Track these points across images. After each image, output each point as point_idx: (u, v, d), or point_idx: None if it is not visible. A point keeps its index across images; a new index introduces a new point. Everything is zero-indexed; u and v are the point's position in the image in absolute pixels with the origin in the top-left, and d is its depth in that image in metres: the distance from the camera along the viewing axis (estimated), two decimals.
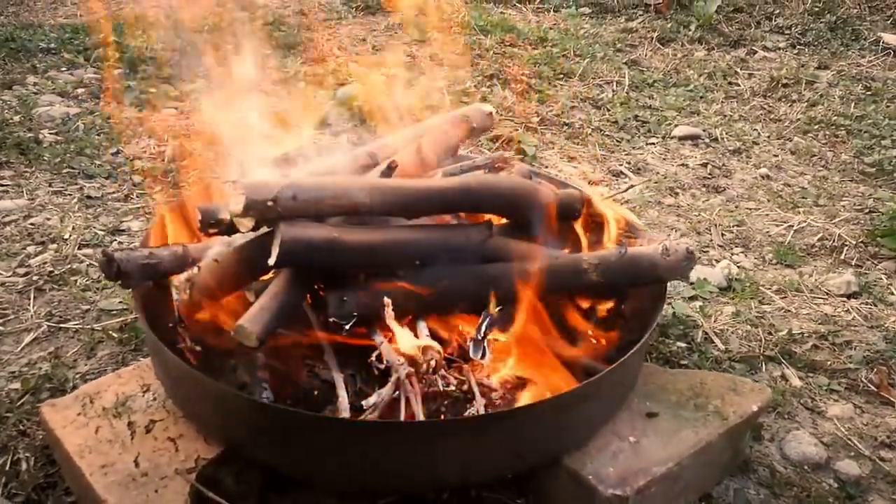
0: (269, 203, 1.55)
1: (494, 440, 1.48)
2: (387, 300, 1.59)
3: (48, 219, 2.89)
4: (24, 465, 1.81)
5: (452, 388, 1.61)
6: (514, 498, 1.72)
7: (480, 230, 1.78)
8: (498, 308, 1.71)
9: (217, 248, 1.76)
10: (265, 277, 1.73)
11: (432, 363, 1.57)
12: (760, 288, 2.58)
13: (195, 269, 1.66)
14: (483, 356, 1.64)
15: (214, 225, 1.75)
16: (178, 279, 1.65)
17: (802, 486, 1.80)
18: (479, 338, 1.65)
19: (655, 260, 1.74)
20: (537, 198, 1.90)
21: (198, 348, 1.68)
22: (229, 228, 1.74)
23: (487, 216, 1.86)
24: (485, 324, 1.67)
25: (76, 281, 2.52)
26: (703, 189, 3.32)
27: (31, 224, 2.85)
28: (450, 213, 1.86)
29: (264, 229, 1.67)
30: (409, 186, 1.74)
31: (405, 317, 1.67)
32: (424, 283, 1.68)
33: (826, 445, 1.92)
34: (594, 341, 1.81)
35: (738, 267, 2.72)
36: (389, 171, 1.76)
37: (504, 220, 1.93)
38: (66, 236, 2.76)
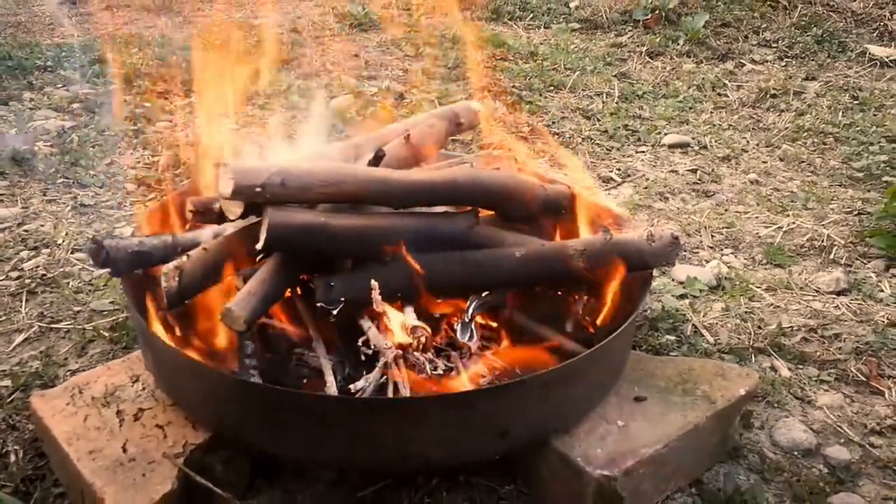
0: (258, 189, 1.56)
1: (480, 417, 1.48)
2: (374, 283, 1.60)
3: (41, 225, 2.91)
4: (12, 458, 1.81)
5: (441, 371, 1.61)
6: (504, 483, 1.72)
7: (467, 218, 1.80)
8: (485, 293, 1.72)
9: (206, 236, 1.78)
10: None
11: (422, 339, 1.57)
12: (750, 286, 2.59)
13: (184, 258, 1.67)
14: (471, 338, 1.65)
15: (204, 214, 1.77)
16: (166, 267, 1.66)
17: (792, 472, 1.80)
18: (467, 320, 1.66)
19: (641, 246, 1.76)
20: (524, 191, 1.92)
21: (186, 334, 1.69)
22: (219, 217, 1.76)
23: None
24: (472, 306, 1.68)
25: (68, 283, 2.53)
26: (693, 194, 3.34)
27: (25, 230, 2.87)
28: (437, 205, 1.88)
29: (253, 219, 1.69)
30: (397, 177, 1.76)
31: (393, 302, 1.68)
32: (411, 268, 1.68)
33: (816, 432, 1.93)
34: (581, 328, 1.82)
35: (728, 267, 2.73)
36: (377, 160, 1.78)
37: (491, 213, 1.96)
38: (60, 241, 2.78)
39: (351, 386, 1.58)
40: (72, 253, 2.72)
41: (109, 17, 5.88)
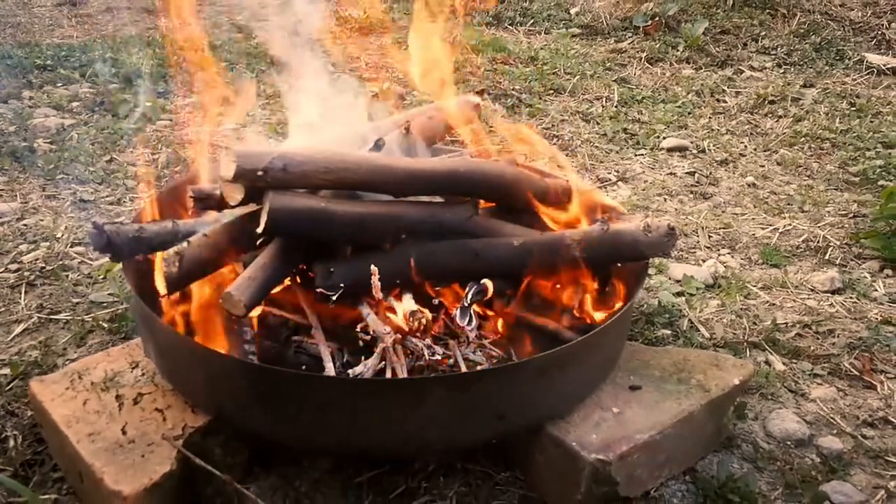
0: (259, 173, 1.58)
1: (476, 399, 1.49)
2: (374, 268, 1.61)
3: (41, 220, 2.92)
4: (11, 443, 1.82)
5: (438, 357, 1.63)
6: (500, 470, 1.73)
7: (466, 208, 1.81)
8: (484, 280, 1.73)
9: (207, 223, 1.79)
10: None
11: (423, 322, 1.59)
12: (746, 284, 2.61)
13: (185, 244, 1.68)
14: (469, 322, 1.66)
15: (205, 201, 1.78)
16: (167, 252, 1.67)
17: (785, 461, 1.82)
18: (466, 305, 1.68)
19: (637, 236, 1.77)
20: (524, 184, 1.93)
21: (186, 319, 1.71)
22: (219, 204, 1.78)
23: None
24: (472, 292, 1.70)
25: (67, 276, 2.54)
26: (691, 195, 3.36)
27: (24, 225, 2.88)
28: (437, 194, 1.89)
29: (253, 206, 1.70)
30: (398, 165, 1.77)
31: (392, 289, 1.70)
32: (411, 255, 1.70)
33: (809, 423, 1.94)
34: (579, 318, 1.84)
35: (725, 266, 2.75)
36: (378, 148, 1.80)
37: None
38: (59, 235, 2.79)
39: (350, 371, 1.60)
40: (71, 247, 2.73)
41: (110, 17, 5.91)
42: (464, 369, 1.65)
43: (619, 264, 1.90)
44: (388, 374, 1.59)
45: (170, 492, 1.52)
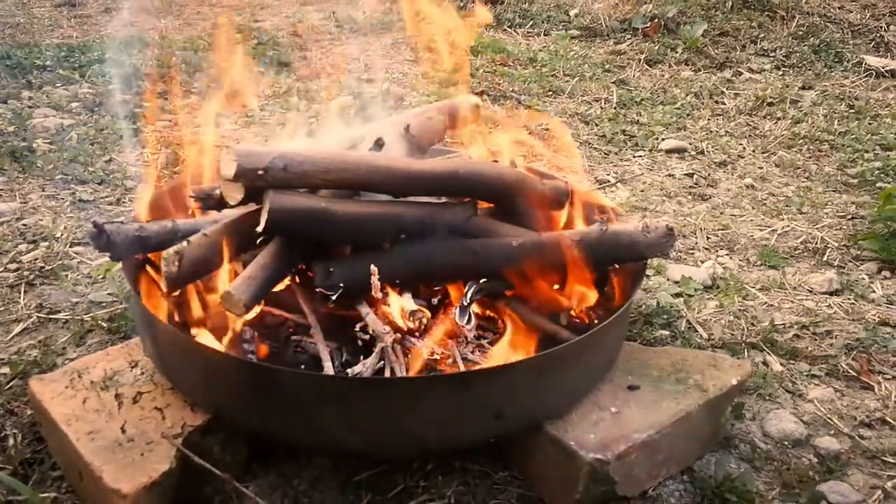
0: (260, 172, 1.58)
1: (474, 398, 1.50)
2: (374, 268, 1.62)
3: (40, 220, 2.92)
4: (11, 441, 1.82)
5: (437, 356, 1.63)
6: (498, 469, 1.74)
7: (465, 208, 1.82)
8: (483, 279, 1.74)
9: (207, 222, 1.79)
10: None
11: (423, 321, 1.59)
12: (744, 286, 2.62)
13: (185, 243, 1.68)
14: (468, 321, 1.67)
15: (205, 201, 1.79)
16: (167, 252, 1.67)
17: (782, 461, 1.83)
18: (466, 304, 1.68)
19: (636, 237, 1.78)
20: (523, 185, 1.94)
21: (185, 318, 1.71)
22: (219, 204, 1.78)
23: None
24: (471, 291, 1.71)
25: (67, 276, 2.55)
26: (689, 197, 3.37)
27: (24, 224, 2.88)
28: (437, 195, 1.89)
29: (253, 206, 1.71)
30: (398, 166, 1.78)
31: (391, 288, 1.70)
32: (410, 255, 1.71)
33: (806, 424, 1.95)
34: (577, 318, 1.85)
35: (723, 267, 2.76)
36: (377, 148, 1.80)
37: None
38: (58, 235, 2.79)
39: (348, 370, 1.61)
40: (70, 246, 2.74)
41: (109, 18, 5.92)
42: (462, 368, 1.66)
43: (618, 265, 1.90)
44: (387, 373, 1.60)
45: (169, 490, 1.52)
